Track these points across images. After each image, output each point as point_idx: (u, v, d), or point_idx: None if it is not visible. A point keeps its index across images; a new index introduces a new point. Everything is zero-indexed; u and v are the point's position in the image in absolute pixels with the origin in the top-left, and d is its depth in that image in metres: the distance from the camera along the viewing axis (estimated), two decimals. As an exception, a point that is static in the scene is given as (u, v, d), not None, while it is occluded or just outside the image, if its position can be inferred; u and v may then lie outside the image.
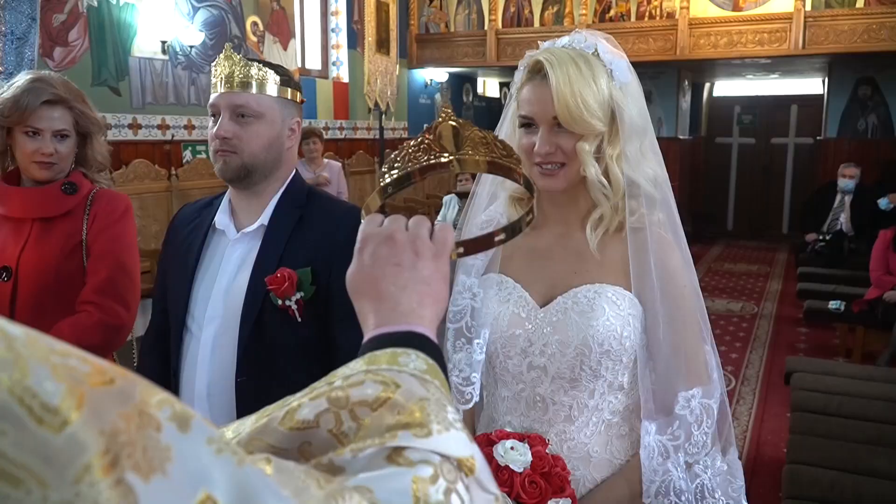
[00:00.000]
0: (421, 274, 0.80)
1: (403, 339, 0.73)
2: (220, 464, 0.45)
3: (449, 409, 0.61)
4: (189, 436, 0.44)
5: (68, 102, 2.16)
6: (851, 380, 4.04)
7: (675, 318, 1.39)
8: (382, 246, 0.82)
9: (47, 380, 0.38)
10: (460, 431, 0.60)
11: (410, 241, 0.82)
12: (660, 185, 1.43)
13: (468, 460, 0.58)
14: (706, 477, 1.36)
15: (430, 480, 0.55)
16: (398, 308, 0.78)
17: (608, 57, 1.37)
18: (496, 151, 0.96)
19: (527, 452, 1.31)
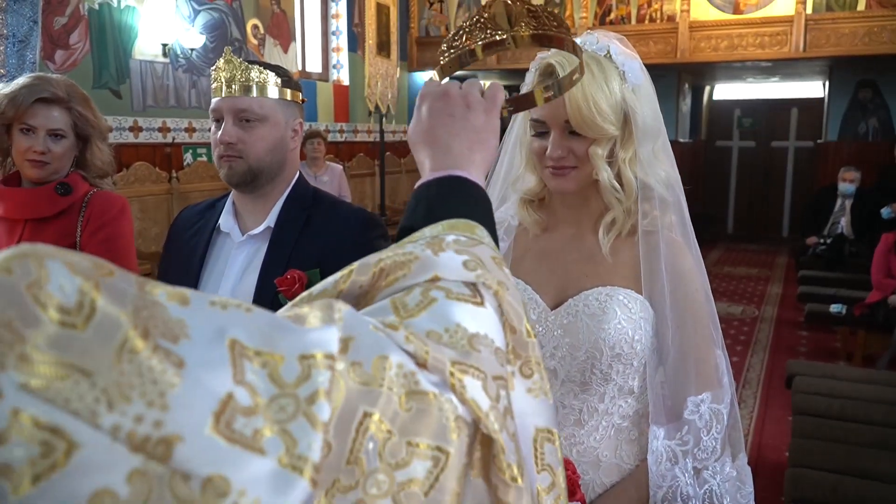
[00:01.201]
0: (472, 124, 0.88)
1: (450, 183, 0.82)
2: (229, 315, 0.49)
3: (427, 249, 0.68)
4: (192, 306, 0.48)
5: (67, 103, 2.15)
6: (853, 383, 4.03)
7: (686, 322, 1.38)
8: (437, 100, 0.89)
9: (64, 277, 0.41)
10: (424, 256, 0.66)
11: (463, 96, 0.90)
12: (672, 186, 1.42)
13: (434, 275, 0.65)
14: (715, 483, 1.35)
15: (404, 295, 0.63)
16: (450, 153, 0.86)
17: (621, 58, 1.36)
18: (547, 24, 0.97)
19: None
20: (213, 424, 0.43)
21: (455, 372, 0.57)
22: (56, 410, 0.38)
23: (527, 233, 1.53)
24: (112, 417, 0.40)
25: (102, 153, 2.27)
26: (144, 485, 0.40)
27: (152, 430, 0.41)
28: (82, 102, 2.20)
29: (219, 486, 0.42)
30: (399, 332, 0.57)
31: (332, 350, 0.51)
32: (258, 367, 0.47)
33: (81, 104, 2.19)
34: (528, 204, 1.51)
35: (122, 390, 0.40)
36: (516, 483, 0.59)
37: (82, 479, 0.38)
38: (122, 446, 0.40)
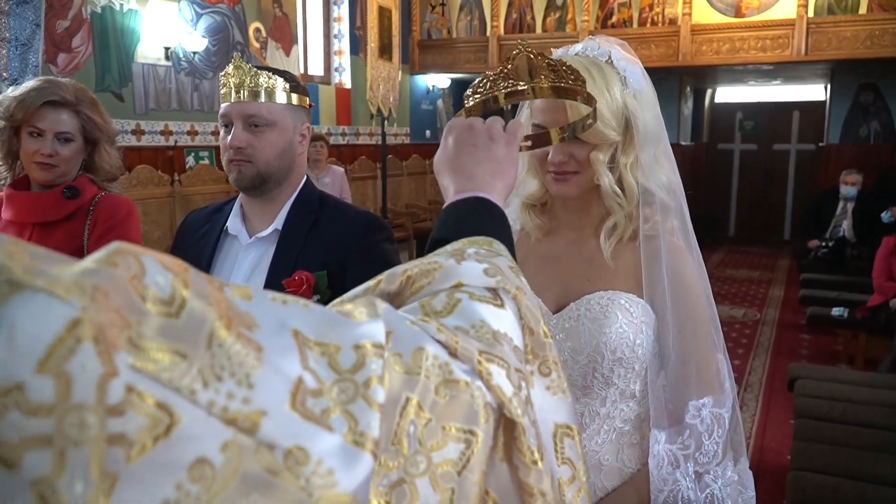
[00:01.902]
0: (494, 154, 0.96)
1: (475, 203, 0.90)
2: (289, 309, 0.55)
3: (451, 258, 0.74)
4: (255, 301, 0.54)
5: (75, 106, 2.16)
6: (855, 386, 4.03)
7: (687, 327, 1.38)
8: (463, 132, 0.98)
9: (158, 272, 0.47)
10: (448, 265, 0.73)
11: (486, 129, 0.98)
12: (673, 191, 1.42)
13: (458, 282, 0.71)
14: (716, 487, 1.34)
15: (432, 298, 0.69)
16: (473, 178, 0.93)
17: (622, 64, 1.37)
18: (565, 77, 1.07)
19: None
20: (290, 402, 0.49)
21: (482, 360, 0.63)
22: (161, 388, 0.43)
23: (529, 237, 1.53)
24: (207, 395, 0.45)
25: (111, 156, 2.28)
26: (235, 454, 0.45)
27: (241, 406, 0.46)
28: (91, 106, 2.21)
29: (299, 457, 0.48)
30: (431, 324, 0.63)
31: (381, 340, 0.57)
32: (318, 355, 0.53)
33: (90, 107, 2.20)
34: (529, 208, 1.51)
35: (214, 371, 0.46)
36: (537, 465, 0.64)
37: (183, 449, 0.43)
38: (216, 420, 0.45)
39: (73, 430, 0.39)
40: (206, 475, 0.44)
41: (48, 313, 0.40)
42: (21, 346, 0.39)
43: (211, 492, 0.44)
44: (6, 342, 0.39)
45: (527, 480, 0.65)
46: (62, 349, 0.40)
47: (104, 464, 0.40)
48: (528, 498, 0.65)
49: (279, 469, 0.47)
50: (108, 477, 0.40)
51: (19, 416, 0.38)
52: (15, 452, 0.38)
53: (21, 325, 0.40)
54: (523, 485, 0.65)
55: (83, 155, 2.23)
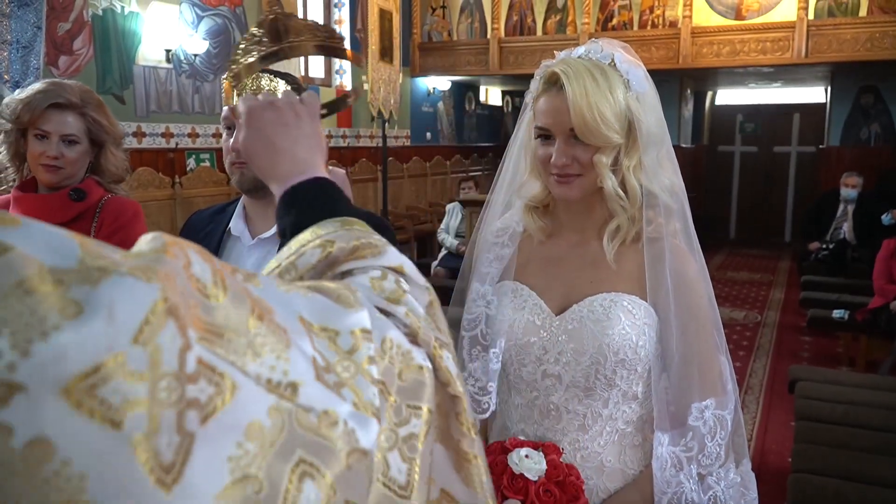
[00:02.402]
0: (305, 130, 0.96)
1: (314, 187, 0.92)
2: (292, 297, 0.64)
3: (374, 237, 0.81)
4: (264, 288, 0.61)
5: (81, 109, 2.16)
6: (856, 388, 4.03)
7: (690, 329, 1.38)
8: (267, 111, 0.96)
9: (199, 262, 0.54)
10: (391, 247, 0.81)
11: (289, 106, 0.97)
12: (676, 194, 1.42)
13: (399, 267, 0.79)
14: (719, 489, 1.35)
15: (381, 278, 0.76)
16: (296, 159, 0.94)
17: (625, 66, 1.37)
18: (319, 35, 1.11)
19: (541, 461, 1.30)
20: (315, 375, 0.58)
21: (437, 347, 0.72)
22: (221, 360, 0.51)
23: (531, 239, 1.53)
24: (254, 367, 0.53)
25: (117, 158, 2.28)
26: (279, 417, 0.54)
27: (282, 377, 0.55)
28: (97, 108, 2.21)
29: (330, 418, 0.58)
30: (401, 308, 0.72)
31: (368, 327, 0.66)
32: (321, 338, 0.62)
33: (96, 110, 2.20)
34: (532, 210, 1.51)
35: (256, 348, 0.54)
36: (471, 434, 0.75)
37: (241, 413, 0.51)
38: (262, 389, 0.53)
39: (164, 393, 0.46)
40: (259, 435, 0.52)
41: (138, 294, 0.47)
42: (119, 322, 0.46)
43: (264, 448, 0.52)
44: (108, 319, 0.45)
45: (465, 449, 0.75)
46: (153, 324, 0.47)
47: (185, 424, 0.47)
48: (465, 464, 0.76)
49: (315, 428, 0.56)
50: (188, 436, 0.47)
51: (122, 381, 0.45)
52: (119, 414, 0.44)
53: (118, 304, 0.46)
54: (461, 454, 0.75)
55: (89, 157, 2.23)
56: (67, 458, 0.43)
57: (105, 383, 0.44)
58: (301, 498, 0.54)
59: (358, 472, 0.61)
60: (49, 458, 0.42)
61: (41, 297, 0.44)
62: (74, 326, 0.44)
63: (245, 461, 0.51)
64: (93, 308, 0.45)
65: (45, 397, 0.43)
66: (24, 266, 0.44)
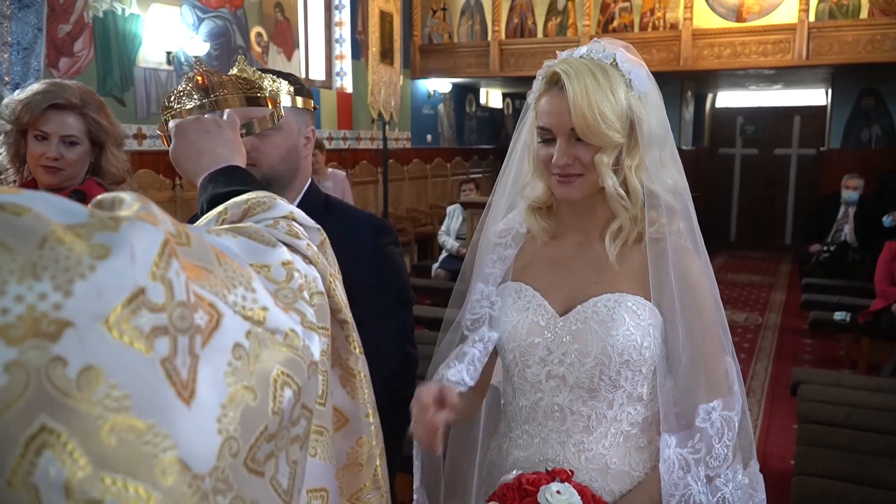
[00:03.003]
0: (225, 136, 1.15)
1: (228, 171, 1.09)
2: (225, 240, 0.75)
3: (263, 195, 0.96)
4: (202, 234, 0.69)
5: (80, 109, 2.15)
6: (858, 391, 4.02)
7: (695, 329, 1.37)
8: (193, 124, 1.15)
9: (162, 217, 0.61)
10: (280, 200, 0.95)
11: (213, 119, 1.16)
12: (679, 194, 1.41)
13: (290, 214, 0.93)
14: (727, 490, 1.34)
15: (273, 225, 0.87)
16: (217, 155, 1.11)
17: (627, 66, 1.36)
18: (242, 88, 1.25)
19: (573, 493, 1.25)
20: (274, 302, 0.71)
21: (331, 277, 0.87)
22: (207, 292, 0.61)
23: (535, 240, 1.53)
24: (231, 297, 0.64)
25: (118, 160, 2.27)
26: (255, 339, 0.65)
27: (252, 305, 0.66)
28: (97, 108, 2.20)
29: (293, 336, 0.70)
30: (302, 241, 0.86)
31: (289, 258, 0.79)
32: (258, 273, 0.73)
33: (96, 110, 2.19)
34: (535, 211, 1.50)
35: (230, 281, 0.65)
36: (357, 353, 0.91)
37: (227, 336, 0.61)
38: (239, 316, 0.64)
39: (179, 321, 0.55)
40: (243, 354, 0.62)
41: (150, 234, 0.54)
42: (139, 260, 0.53)
43: (249, 365, 0.63)
44: (130, 258, 0.52)
45: (351, 366, 0.90)
46: (163, 260, 0.54)
47: (194, 347, 0.56)
48: (351, 379, 0.91)
49: (282, 345, 0.68)
50: (195, 357, 0.56)
51: (147, 312, 0.52)
52: (148, 341, 0.52)
53: (137, 243, 0.53)
54: (348, 370, 0.90)
55: (90, 158, 2.22)
56: (114, 382, 0.50)
57: (136, 314, 0.51)
58: (285, 401, 0.66)
59: (314, 381, 0.73)
60: (100, 382, 0.49)
61: (70, 245, 0.50)
62: (106, 265, 0.51)
63: (237, 376, 0.60)
64: (119, 248, 0.52)
65: (90, 330, 0.49)
66: (45, 223, 0.50)
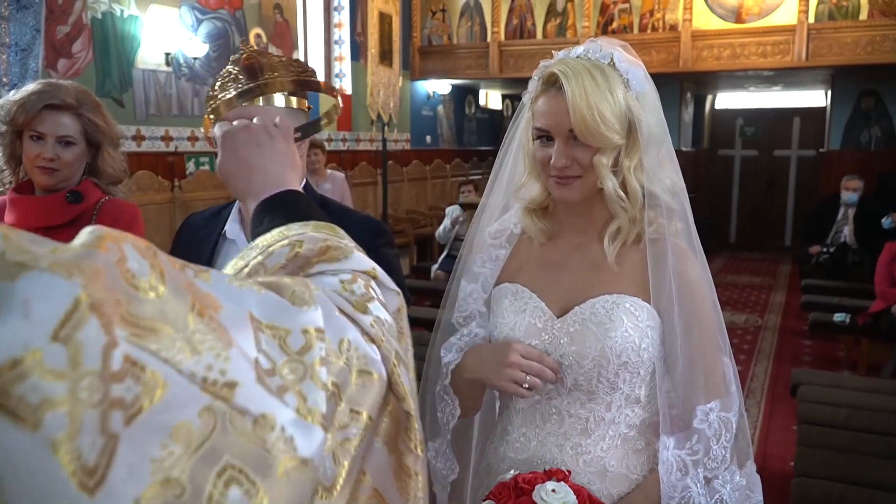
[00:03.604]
0: (278, 149, 1.01)
1: (284, 198, 0.95)
2: (246, 291, 0.62)
3: (344, 238, 0.83)
4: (213, 283, 0.59)
5: (76, 109, 2.13)
6: (859, 392, 4.01)
7: (693, 330, 1.36)
8: (241, 134, 1.02)
9: (135, 257, 0.52)
10: (359, 251, 0.81)
11: (263, 128, 1.03)
12: (677, 194, 1.40)
13: (372, 271, 0.79)
14: (725, 492, 1.33)
15: (351, 281, 0.75)
16: (269, 175, 0.98)
17: (624, 66, 1.35)
18: (293, 70, 1.15)
19: (569, 493, 1.25)
20: (256, 377, 0.56)
21: (395, 363, 0.72)
22: (153, 358, 0.49)
23: (531, 241, 1.52)
24: (190, 364, 0.51)
25: (114, 160, 2.25)
26: (211, 419, 0.51)
27: (218, 377, 0.53)
28: (93, 108, 2.18)
29: (268, 422, 0.55)
30: (367, 317, 0.71)
31: (321, 326, 0.65)
32: (270, 337, 0.60)
33: (92, 110, 2.17)
34: (532, 212, 1.49)
35: (195, 345, 0.52)
36: (417, 452, 0.75)
37: (169, 413, 0.49)
38: (196, 388, 0.51)
39: (85, 393, 0.45)
40: (187, 436, 0.50)
41: (57, 290, 0.46)
42: (36, 319, 0.44)
43: (189, 451, 0.50)
44: (22, 315, 0.44)
45: (408, 464, 0.75)
46: (73, 321, 0.45)
47: (109, 425, 0.46)
48: (405, 478, 0.76)
49: (248, 433, 0.54)
50: (112, 437, 0.46)
51: (38, 379, 0.43)
52: (37, 414, 0.43)
53: (35, 300, 0.45)
54: (404, 467, 0.75)
55: (86, 158, 2.20)
56: None
57: (22, 380, 0.43)
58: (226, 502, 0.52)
59: (296, 482, 0.58)
60: None
61: None
62: None
63: (168, 463, 0.49)
64: (8, 304, 0.44)
65: None
66: None
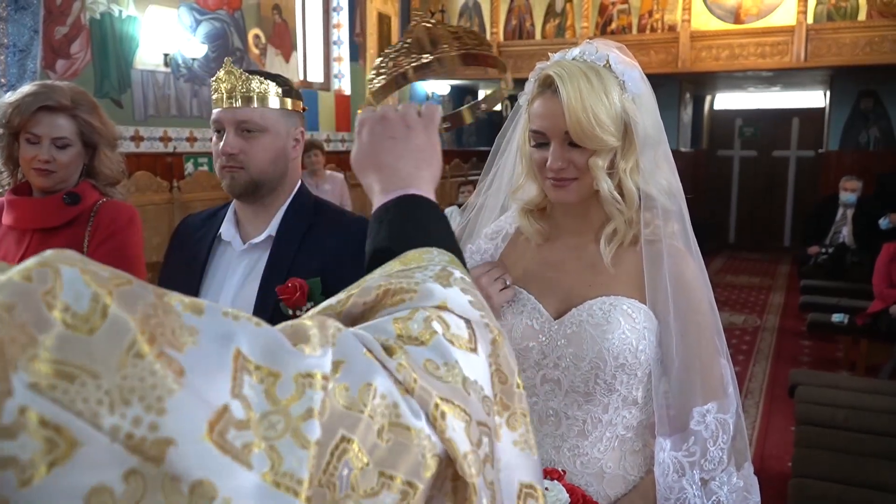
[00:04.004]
0: (414, 143, 0.91)
1: (408, 202, 0.85)
2: (241, 326, 0.52)
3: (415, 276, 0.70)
4: (206, 316, 0.51)
5: (72, 111, 2.12)
6: (856, 393, 4.02)
7: (690, 332, 1.36)
8: (377, 124, 0.92)
9: (79, 285, 0.45)
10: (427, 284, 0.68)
11: (401, 117, 0.92)
12: (674, 195, 1.41)
13: (442, 304, 0.66)
14: (722, 493, 1.33)
15: (407, 318, 0.63)
16: (398, 173, 0.88)
17: (620, 68, 1.35)
18: (469, 42, 1.04)
19: (562, 491, 1.26)
20: (207, 432, 0.46)
21: (440, 405, 0.58)
22: (61, 410, 0.41)
23: (527, 241, 1.52)
24: (112, 419, 0.43)
25: (111, 161, 2.24)
26: (139, 484, 0.43)
27: (148, 433, 0.44)
28: (89, 110, 2.17)
29: (206, 491, 0.45)
30: (393, 361, 0.58)
31: (326, 371, 0.54)
32: (256, 381, 0.50)
33: (88, 111, 2.16)
34: (528, 213, 1.49)
35: (124, 393, 0.44)
36: None
37: (82, 476, 0.41)
38: (120, 447, 0.43)
39: None
40: (109, 502, 0.42)
41: None
42: None
43: None
44: None
45: None
46: None
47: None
48: None
49: (183, 503, 0.44)
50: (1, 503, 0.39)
51: None
52: None
53: None
54: None
55: (83, 160, 2.19)
56: None
57: None
58: None
59: None
60: None
61: None
62: None
63: None
64: None
65: None
66: None
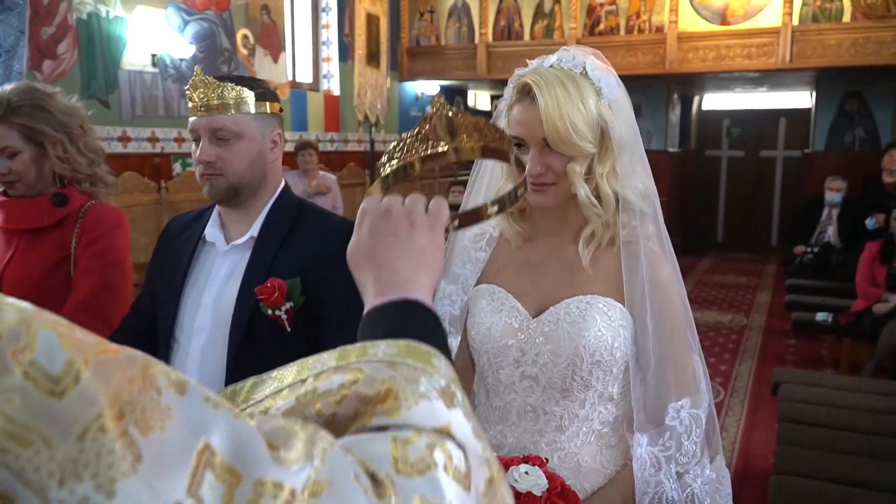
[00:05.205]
0: (416, 243, 0.84)
1: (401, 308, 0.78)
2: (218, 416, 0.49)
3: (421, 381, 0.63)
4: (186, 397, 0.48)
5: (6, 118, 2.06)
6: (839, 391, 4.06)
7: (665, 330, 1.40)
8: (379, 218, 0.86)
9: (53, 346, 0.43)
10: (432, 401, 0.62)
11: (406, 213, 0.86)
12: (649, 197, 1.44)
13: (445, 427, 0.60)
14: (696, 486, 1.38)
15: (408, 441, 0.57)
16: (395, 275, 0.81)
17: (596, 74, 1.38)
18: (489, 136, 0.98)
19: (541, 476, 1.29)
20: None
21: None
22: (10, 477, 0.39)
23: (508, 243, 1.55)
24: (60, 494, 0.40)
25: (67, 160, 2.14)
26: None
27: (103, 501, 0.41)
28: (28, 111, 2.08)
29: None
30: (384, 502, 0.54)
31: (297, 487, 0.49)
32: (217, 481, 0.46)
33: (29, 112, 2.07)
34: (509, 215, 1.53)
35: (77, 468, 0.41)
36: None
37: None
38: None
39: None
40: None
41: None
42: None
43: None
44: None
45: None
46: None
47: None
48: None
49: None
50: None
51: None
52: None
53: None
54: None
55: (44, 160, 2.12)
56: None
57: None
58: None
59: None
60: None
61: None
62: None
63: None
64: None
65: None
66: None
